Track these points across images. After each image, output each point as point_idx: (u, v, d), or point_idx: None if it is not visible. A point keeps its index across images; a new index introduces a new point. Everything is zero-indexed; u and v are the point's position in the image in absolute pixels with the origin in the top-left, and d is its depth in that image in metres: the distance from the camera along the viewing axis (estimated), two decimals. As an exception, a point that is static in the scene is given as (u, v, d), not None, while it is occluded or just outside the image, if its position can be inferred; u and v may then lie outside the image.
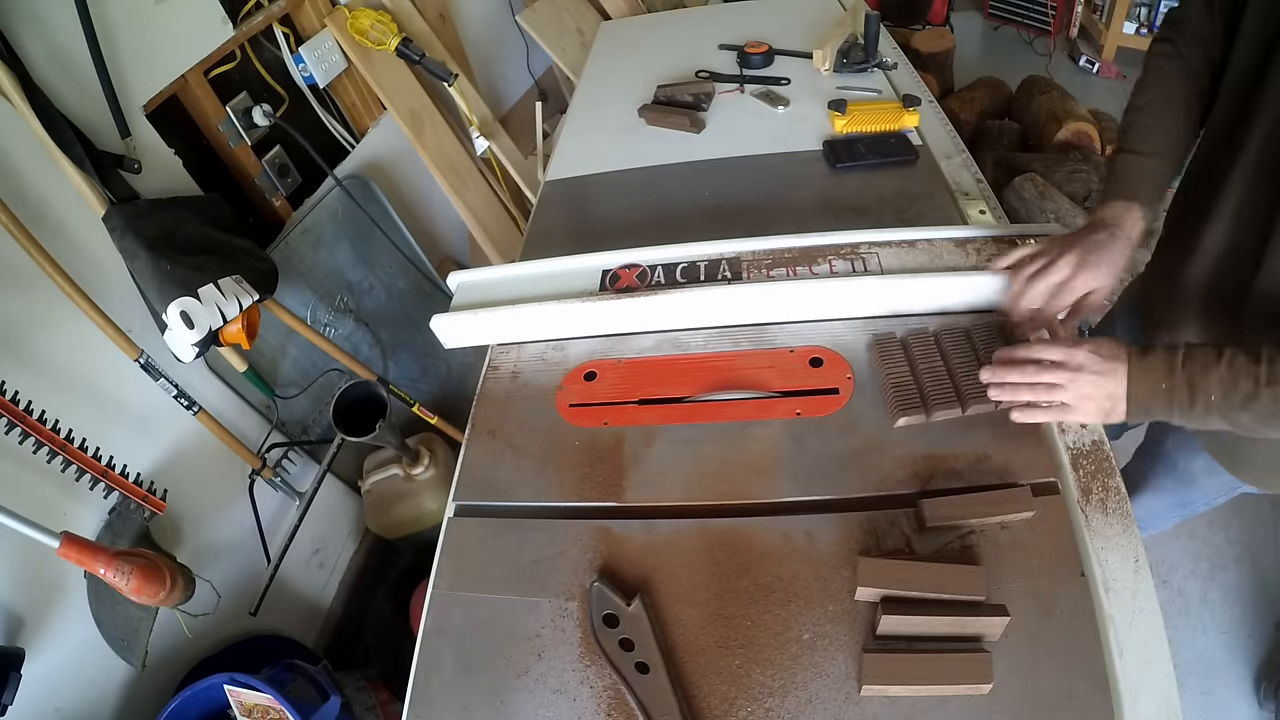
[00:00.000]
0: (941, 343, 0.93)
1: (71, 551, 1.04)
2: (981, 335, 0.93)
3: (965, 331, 0.94)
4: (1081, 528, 0.77)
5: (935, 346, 0.93)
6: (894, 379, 0.90)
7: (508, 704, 0.75)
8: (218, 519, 1.53)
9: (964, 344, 0.92)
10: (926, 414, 0.86)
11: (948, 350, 0.92)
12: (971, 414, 0.86)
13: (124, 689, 1.35)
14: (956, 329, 0.95)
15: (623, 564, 0.82)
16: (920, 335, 0.95)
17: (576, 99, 1.74)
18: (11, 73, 1.10)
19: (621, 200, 1.37)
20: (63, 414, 1.17)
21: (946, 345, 0.93)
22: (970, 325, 0.95)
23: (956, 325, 0.95)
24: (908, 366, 0.91)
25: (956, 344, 0.92)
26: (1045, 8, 3.62)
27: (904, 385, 0.89)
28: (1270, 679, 1.57)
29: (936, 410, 0.86)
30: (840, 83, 1.53)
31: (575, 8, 2.35)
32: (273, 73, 1.68)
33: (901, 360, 0.92)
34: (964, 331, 0.94)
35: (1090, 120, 2.34)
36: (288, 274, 1.64)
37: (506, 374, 1.06)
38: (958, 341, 0.93)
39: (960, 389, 0.87)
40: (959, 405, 0.86)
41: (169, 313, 1.23)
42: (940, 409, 0.86)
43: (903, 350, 0.93)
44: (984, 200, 1.19)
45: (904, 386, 0.89)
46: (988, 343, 0.92)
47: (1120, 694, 0.68)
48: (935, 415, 0.86)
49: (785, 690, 0.71)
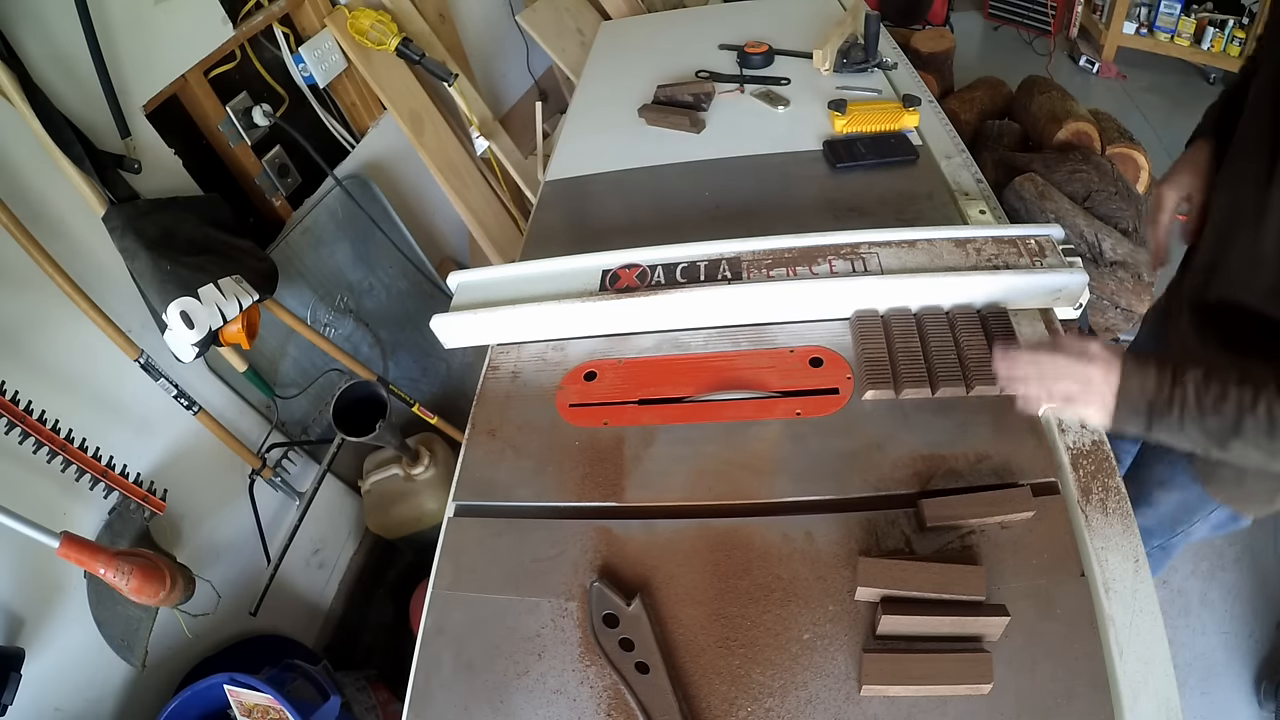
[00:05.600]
0: (922, 325, 0.95)
1: (71, 551, 1.04)
2: (963, 323, 0.94)
3: (947, 316, 0.96)
4: (1081, 528, 0.77)
5: (915, 328, 0.94)
6: (869, 354, 0.92)
7: (508, 704, 0.75)
8: (218, 519, 1.53)
9: (944, 329, 0.94)
10: (896, 390, 0.88)
11: (928, 332, 0.94)
12: (941, 396, 0.88)
13: (124, 689, 1.35)
14: (938, 313, 0.96)
15: (623, 564, 0.82)
16: (902, 315, 0.97)
17: (576, 99, 1.74)
18: (11, 73, 1.10)
19: (621, 200, 1.37)
20: (63, 414, 1.17)
21: (927, 327, 0.94)
22: (954, 310, 0.96)
23: (938, 310, 0.97)
24: (885, 344, 0.93)
25: (937, 327, 0.94)
26: (1045, 8, 3.62)
27: (877, 361, 0.91)
28: (1270, 679, 1.58)
29: (906, 388, 0.88)
30: (840, 83, 1.53)
31: (575, 8, 2.35)
32: (273, 73, 1.68)
33: (880, 337, 0.94)
34: (945, 316, 0.96)
35: (1090, 120, 2.34)
36: (288, 274, 1.64)
37: (506, 374, 1.06)
38: (938, 325, 0.94)
39: (934, 371, 0.89)
40: (929, 386, 0.88)
41: (169, 313, 1.23)
42: (910, 387, 0.88)
43: (882, 328, 0.95)
44: (984, 200, 1.19)
45: (877, 362, 0.91)
46: (968, 328, 0.93)
47: (1120, 694, 0.67)
48: (904, 393, 0.89)
49: (785, 690, 0.71)
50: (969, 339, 0.92)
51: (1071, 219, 2.03)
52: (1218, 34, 3.10)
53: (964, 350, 0.91)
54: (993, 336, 0.92)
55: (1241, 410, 0.70)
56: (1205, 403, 0.72)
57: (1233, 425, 0.71)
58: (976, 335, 0.92)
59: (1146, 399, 0.74)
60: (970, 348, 0.91)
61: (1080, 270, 0.93)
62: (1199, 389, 0.72)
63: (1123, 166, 2.25)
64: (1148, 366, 0.75)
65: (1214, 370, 0.73)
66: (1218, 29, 3.09)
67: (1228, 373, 0.72)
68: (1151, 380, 0.74)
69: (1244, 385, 0.71)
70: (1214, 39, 3.11)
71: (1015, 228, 1.02)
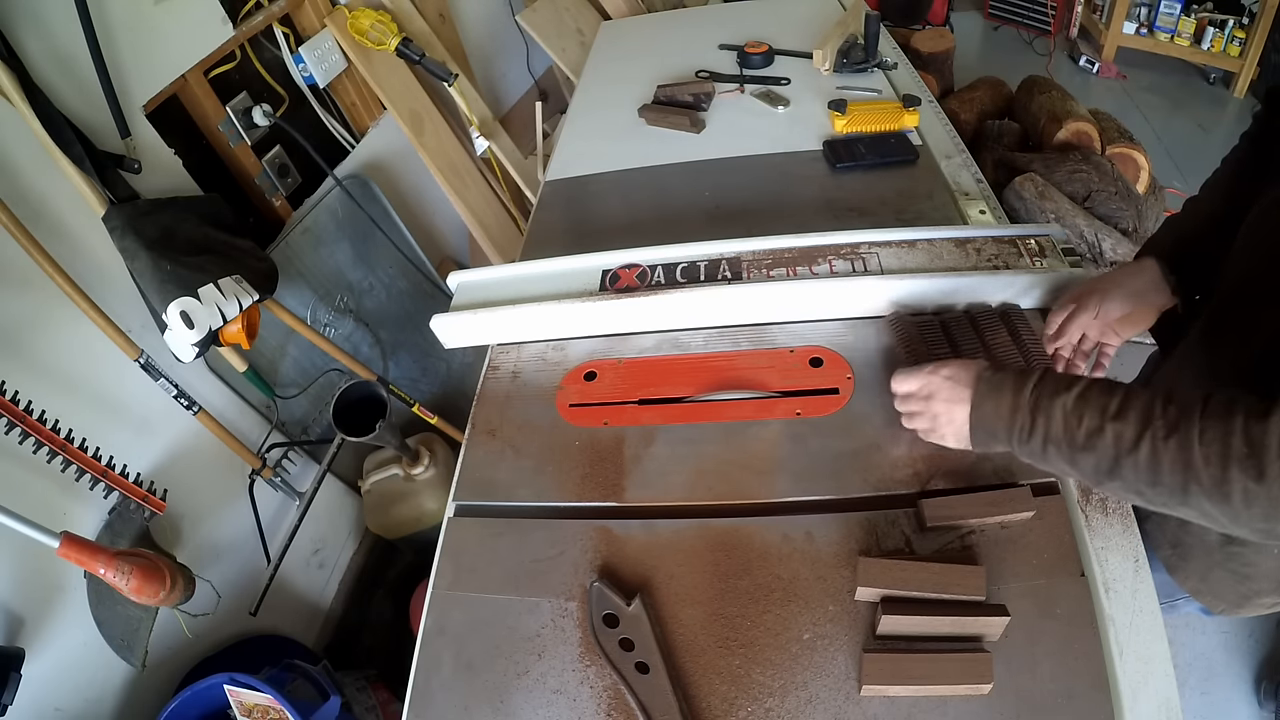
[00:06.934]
0: (948, 326, 0.94)
1: (71, 551, 1.04)
2: (986, 322, 0.93)
3: (968, 315, 0.95)
4: (1081, 528, 0.77)
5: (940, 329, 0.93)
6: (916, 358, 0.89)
7: (508, 704, 0.75)
8: (218, 519, 1.53)
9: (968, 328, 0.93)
10: None
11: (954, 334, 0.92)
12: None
13: (124, 689, 1.35)
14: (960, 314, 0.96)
15: (623, 564, 0.82)
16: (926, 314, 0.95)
17: (576, 99, 1.74)
18: (11, 73, 1.10)
19: (621, 200, 1.37)
20: (63, 414, 1.17)
21: (952, 328, 0.93)
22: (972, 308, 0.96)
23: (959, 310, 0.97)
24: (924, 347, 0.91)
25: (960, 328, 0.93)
26: (1045, 8, 3.62)
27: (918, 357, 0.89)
28: (1270, 679, 1.57)
29: None
30: (840, 83, 1.53)
31: (575, 8, 2.35)
32: (273, 73, 1.68)
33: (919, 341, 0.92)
34: (966, 315, 0.95)
35: (1090, 120, 2.34)
36: (288, 274, 1.64)
37: (506, 374, 1.06)
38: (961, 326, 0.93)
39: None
40: None
41: (169, 313, 1.23)
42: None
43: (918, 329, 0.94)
44: (984, 200, 1.19)
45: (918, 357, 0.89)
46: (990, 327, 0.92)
47: (1120, 694, 0.67)
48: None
49: (785, 690, 0.71)
50: (994, 339, 0.91)
51: (1071, 219, 2.03)
52: (1218, 34, 3.10)
53: (993, 351, 0.90)
54: (1017, 334, 0.91)
55: (1119, 449, 0.60)
56: (1075, 437, 0.62)
57: (1109, 466, 0.61)
58: (1001, 333, 0.92)
59: (1003, 425, 0.68)
60: (997, 346, 0.90)
61: (1080, 270, 0.93)
62: (1067, 419, 0.63)
63: (1123, 166, 2.25)
64: (1003, 391, 0.69)
65: (1099, 395, 0.62)
66: (1218, 29, 3.09)
67: (1114, 399, 0.61)
68: (1005, 406, 0.68)
69: (1125, 418, 0.59)
70: (1214, 39, 3.11)
71: (1015, 228, 1.02)
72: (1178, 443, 0.57)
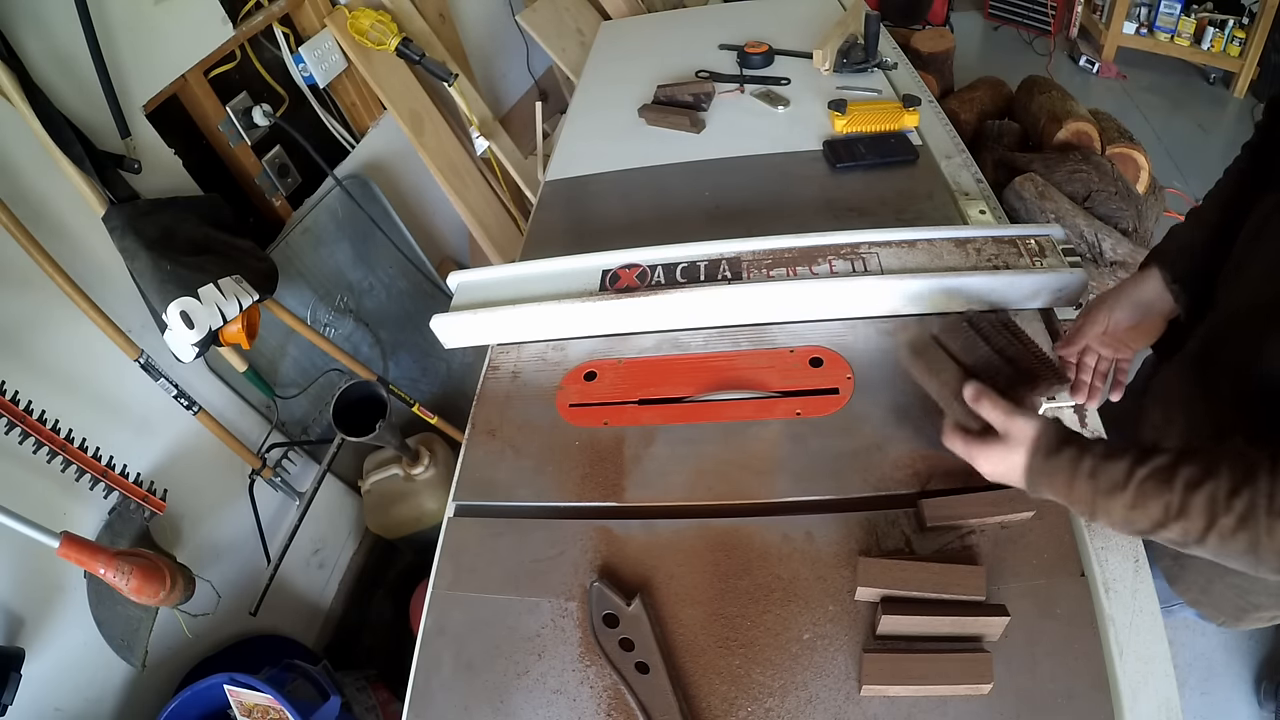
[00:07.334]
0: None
1: (71, 551, 1.04)
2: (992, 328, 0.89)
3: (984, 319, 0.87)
4: (1081, 528, 0.77)
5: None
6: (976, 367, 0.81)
7: (508, 704, 0.75)
8: (218, 519, 1.53)
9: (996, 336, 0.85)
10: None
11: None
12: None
13: (124, 689, 1.35)
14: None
15: (623, 564, 0.82)
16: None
17: (576, 99, 1.74)
18: (11, 73, 1.10)
19: (621, 200, 1.37)
20: (63, 414, 1.17)
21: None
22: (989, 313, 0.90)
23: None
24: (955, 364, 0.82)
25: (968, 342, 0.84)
26: (1045, 8, 3.62)
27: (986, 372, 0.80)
28: (1270, 679, 1.57)
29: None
30: (840, 83, 1.53)
31: (575, 8, 2.35)
32: (273, 73, 1.68)
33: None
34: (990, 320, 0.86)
35: (1090, 120, 2.34)
36: (288, 274, 1.64)
37: (506, 374, 1.06)
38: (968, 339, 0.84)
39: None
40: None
41: (169, 313, 1.23)
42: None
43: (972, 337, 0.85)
44: (984, 200, 1.19)
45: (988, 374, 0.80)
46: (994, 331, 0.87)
47: (1120, 694, 0.68)
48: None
49: (785, 690, 0.71)
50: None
51: (1071, 219, 2.03)
52: (1218, 34, 3.10)
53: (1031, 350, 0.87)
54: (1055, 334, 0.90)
55: (1185, 540, 0.61)
56: (1139, 528, 0.64)
57: (1174, 550, 0.63)
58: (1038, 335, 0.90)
59: (1054, 493, 0.68)
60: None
61: (1080, 270, 0.93)
62: (1128, 517, 0.63)
63: (1123, 166, 2.25)
64: (1054, 478, 0.67)
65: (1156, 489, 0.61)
66: (1218, 29, 3.09)
67: (1173, 493, 0.60)
68: (1060, 493, 0.67)
69: (1188, 514, 0.59)
70: (1214, 39, 3.11)
71: (1015, 228, 1.02)
72: (1247, 539, 0.58)
